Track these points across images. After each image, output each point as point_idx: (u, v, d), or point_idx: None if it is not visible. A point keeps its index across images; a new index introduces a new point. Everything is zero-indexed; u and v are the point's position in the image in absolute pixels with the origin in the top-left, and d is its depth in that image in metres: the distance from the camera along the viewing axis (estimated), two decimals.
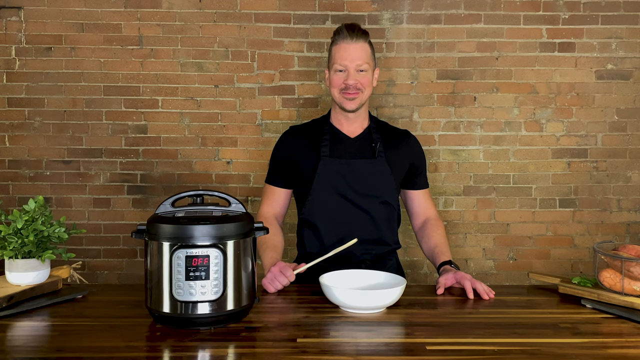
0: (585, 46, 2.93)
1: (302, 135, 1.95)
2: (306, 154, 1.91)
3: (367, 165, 1.87)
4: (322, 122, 1.98)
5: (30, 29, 2.87)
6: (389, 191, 1.89)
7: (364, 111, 1.94)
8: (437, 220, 1.99)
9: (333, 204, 1.86)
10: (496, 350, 1.17)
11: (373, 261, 1.88)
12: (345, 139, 1.92)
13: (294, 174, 1.94)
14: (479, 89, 2.94)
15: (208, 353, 1.16)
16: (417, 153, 2.01)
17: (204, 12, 2.89)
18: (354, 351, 1.15)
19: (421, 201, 2.02)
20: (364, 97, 1.87)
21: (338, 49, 1.84)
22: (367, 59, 1.84)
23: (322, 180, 1.86)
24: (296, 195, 1.98)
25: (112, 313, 1.40)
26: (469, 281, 1.59)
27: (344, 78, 1.83)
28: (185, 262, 1.24)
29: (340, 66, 1.84)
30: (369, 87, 1.87)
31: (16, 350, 1.16)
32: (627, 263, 1.45)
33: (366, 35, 1.86)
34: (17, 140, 2.90)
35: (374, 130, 1.95)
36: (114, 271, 2.95)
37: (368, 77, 1.86)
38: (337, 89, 1.86)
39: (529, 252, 2.99)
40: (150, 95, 2.91)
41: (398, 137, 1.98)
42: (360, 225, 1.86)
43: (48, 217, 1.54)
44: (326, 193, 1.86)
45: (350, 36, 1.82)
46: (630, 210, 2.98)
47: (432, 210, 2.02)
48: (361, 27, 1.87)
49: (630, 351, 1.17)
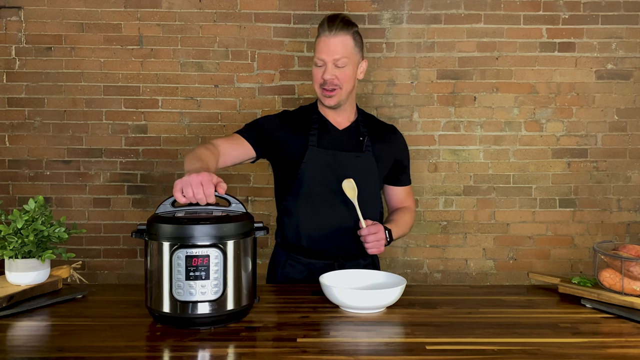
0: (585, 46, 2.93)
1: (292, 122, 1.90)
2: (294, 141, 1.86)
3: (354, 158, 1.85)
4: (310, 111, 1.94)
5: (30, 29, 2.87)
6: (374, 186, 1.88)
7: (350, 104, 1.91)
8: (409, 209, 2.02)
9: (317, 194, 1.83)
10: (496, 350, 1.17)
11: (346, 258, 1.86)
12: (334, 130, 1.89)
13: (269, 151, 1.88)
14: (479, 89, 2.94)
15: (208, 353, 1.16)
16: (403, 150, 2.00)
17: (204, 12, 2.89)
18: (354, 351, 1.15)
19: (402, 196, 2.04)
20: (343, 93, 1.83)
21: (319, 42, 1.80)
22: (346, 53, 1.78)
23: (308, 169, 1.82)
24: (278, 183, 1.95)
25: (112, 313, 1.40)
26: (368, 229, 1.73)
27: (322, 72, 1.80)
28: (185, 262, 1.24)
29: (319, 60, 1.80)
30: (348, 82, 1.82)
31: (16, 350, 1.16)
32: (627, 263, 1.45)
33: (349, 27, 1.79)
34: (17, 140, 2.90)
35: (361, 123, 1.93)
36: (114, 271, 2.95)
37: (347, 72, 1.80)
38: (317, 84, 1.83)
39: (529, 252, 2.99)
40: (150, 95, 2.91)
41: (384, 132, 1.97)
42: (343, 218, 1.83)
43: (48, 217, 1.54)
44: (311, 183, 1.83)
45: (330, 29, 1.77)
46: (630, 210, 2.98)
47: (410, 202, 2.05)
48: (345, 18, 1.81)
49: (630, 351, 1.17)
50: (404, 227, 1.95)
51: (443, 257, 2.98)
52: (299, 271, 1.87)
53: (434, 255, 2.98)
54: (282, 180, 1.91)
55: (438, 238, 2.98)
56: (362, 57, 1.88)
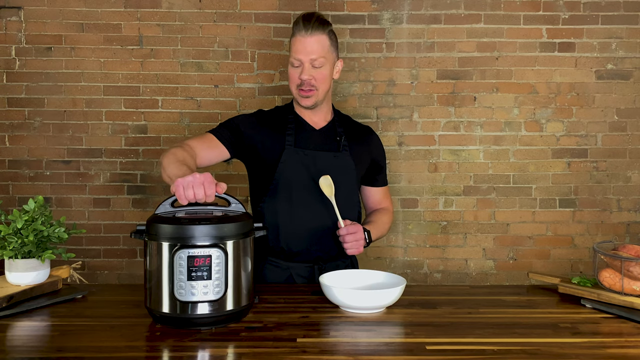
0: (585, 46, 2.93)
1: (268, 122, 1.88)
2: (270, 141, 1.84)
3: (332, 158, 1.84)
4: (286, 111, 1.92)
5: (30, 29, 2.87)
6: (351, 186, 1.87)
7: (326, 104, 1.90)
8: (387, 210, 2.02)
9: (294, 195, 1.81)
10: (496, 350, 1.17)
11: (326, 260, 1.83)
12: (311, 130, 1.88)
13: (244, 151, 1.86)
14: (479, 89, 2.94)
15: (208, 353, 1.16)
16: (379, 150, 2.00)
17: (204, 12, 2.89)
18: (354, 351, 1.15)
19: (379, 197, 2.03)
20: (320, 93, 1.82)
21: (294, 41, 1.78)
22: (323, 52, 1.77)
23: (285, 170, 1.81)
24: (253, 185, 1.92)
25: (112, 313, 1.40)
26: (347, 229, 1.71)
27: (299, 73, 1.79)
28: (187, 262, 1.24)
29: (296, 60, 1.78)
30: (325, 83, 1.81)
31: (16, 350, 1.16)
32: (627, 263, 1.45)
33: (324, 26, 1.78)
34: (17, 140, 2.90)
35: (337, 123, 1.92)
36: (114, 271, 2.95)
37: (324, 73, 1.79)
38: (294, 85, 1.82)
39: (529, 252, 2.99)
40: (150, 95, 2.91)
41: (361, 132, 1.96)
42: (321, 219, 1.81)
43: (48, 217, 1.54)
44: (288, 183, 1.81)
45: (306, 28, 1.75)
46: (630, 210, 2.98)
47: (387, 203, 2.04)
48: (320, 17, 1.78)
49: (630, 351, 1.17)
50: (382, 229, 1.95)
51: (443, 257, 2.98)
52: (278, 275, 1.84)
53: (434, 255, 2.98)
54: (258, 181, 1.89)
55: (438, 238, 2.98)
56: (338, 56, 1.87)
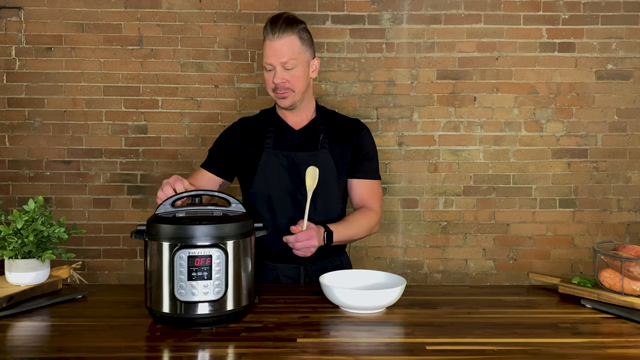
0: (585, 46, 2.93)
1: (248, 128, 1.90)
2: (250, 146, 1.85)
3: (309, 157, 1.81)
4: (269, 113, 1.93)
5: (30, 29, 2.87)
6: (331, 184, 1.83)
7: (307, 104, 1.88)
8: (370, 210, 1.87)
9: (274, 197, 1.81)
10: (496, 350, 1.17)
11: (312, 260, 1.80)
12: (290, 131, 1.87)
13: (232, 166, 1.90)
14: (479, 89, 2.94)
15: (208, 353, 1.16)
16: (364, 141, 1.91)
17: (204, 12, 2.89)
18: (354, 351, 1.15)
19: (363, 191, 1.90)
20: (297, 95, 1.80)
21: (264, 46, 1.77)
22: (293, 54, 1.74)
23: (263, 173, 1.81)
24: (242, 189, 1.94)
25: (112, 313, 1.40)
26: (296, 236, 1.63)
27: (272, 77, 1.77)
28: (188, 262, 1.24)
29: (268, 65, 1.77)
30: (300, 84, 1.78)
31: (16, 350, 1.16)
32: (627, 263, 1.45)
33: (293, 26, 1.74)
34: (17, 140, 2.90)
35: (319, 121, 1.90)
36: (114, 271, 2.95)
37: (297, 74, 1.76)
38: (270, 89, 1.81)
39: (529, 252, 2.99)
40: (150, 95, 2.91)
41: (345, 126, 1.91)
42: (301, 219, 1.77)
43: (48, 217, 1.54)
44: (267, 186, 1.81)
45: (273, 32, 1.73)
46: (630, 210, 2.98)
47: (373, 203, 1.90)
48: (289, 17, 1.75)
49: (630, 351, 1.17)
50: (355, 230, 1.82)
51: (443, 257, 2.98)
52: (264, 275, 1.85)
53: (434, 255, 2.98)
54: (242, 185, 1.92)
55: (438, 238, 2.98)
56: (313, 55, 1.84)
